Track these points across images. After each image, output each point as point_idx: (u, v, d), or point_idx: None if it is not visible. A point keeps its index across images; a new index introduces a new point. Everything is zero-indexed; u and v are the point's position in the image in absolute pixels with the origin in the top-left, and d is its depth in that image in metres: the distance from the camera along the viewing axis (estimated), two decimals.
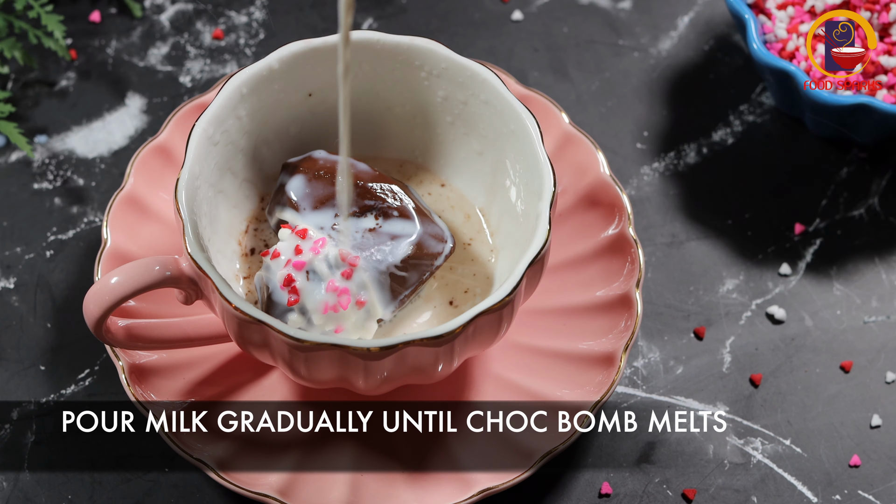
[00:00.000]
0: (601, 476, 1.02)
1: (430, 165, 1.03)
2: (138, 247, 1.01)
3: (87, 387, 1.03)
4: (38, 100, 1.14)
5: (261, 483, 0.95)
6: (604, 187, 1.03)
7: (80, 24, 1.18)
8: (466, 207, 1.01)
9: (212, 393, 0.99)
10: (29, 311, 1.06)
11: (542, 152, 0.94)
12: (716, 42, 1.18)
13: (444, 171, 1.03)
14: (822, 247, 1.10)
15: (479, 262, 1.00)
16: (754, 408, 1.04)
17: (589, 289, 1.02)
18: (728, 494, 1.01)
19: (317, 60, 0.98)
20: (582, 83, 1.16)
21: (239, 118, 0.97)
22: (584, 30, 1.19)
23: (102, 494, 1.00)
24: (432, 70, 0.99)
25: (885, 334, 1.07)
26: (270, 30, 1.16)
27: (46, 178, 1.11)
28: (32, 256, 1.08)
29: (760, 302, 1.08)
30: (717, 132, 1.15)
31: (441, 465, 0.97)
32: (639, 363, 1.05)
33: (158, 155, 1.03)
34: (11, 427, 1.02)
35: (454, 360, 0.92)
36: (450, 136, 1.02)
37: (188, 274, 0.91)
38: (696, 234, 1.10)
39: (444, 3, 1.20)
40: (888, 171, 1.13)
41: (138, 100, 1.15)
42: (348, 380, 0.92)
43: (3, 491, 1.00)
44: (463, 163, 1.02)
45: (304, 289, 0.92)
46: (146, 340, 0.95)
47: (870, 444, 1.03)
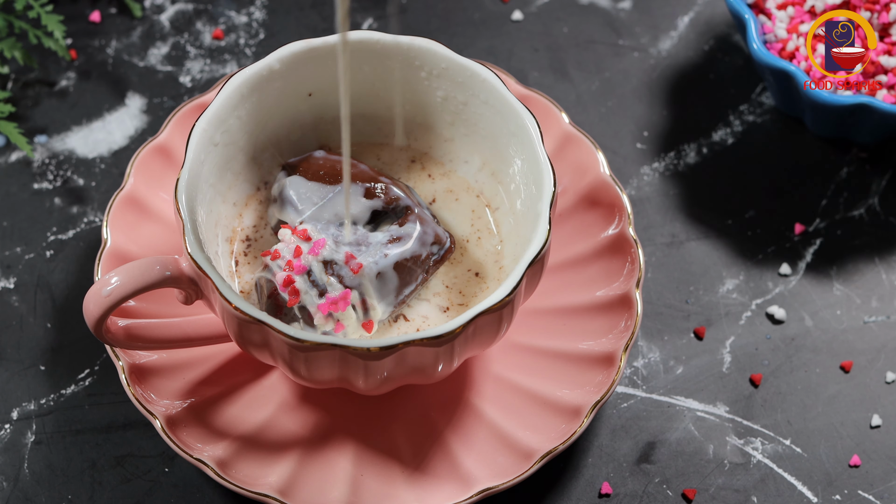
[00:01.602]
0: (601, 476, 1.02)
1: (432, 161, 1.03)
2: (138, 247, 1.01)
3: (87, 387, 1.03)
4: (38, 100, 1.14)
5: (261, 483, 0.95)
6: (604, 187, 1.03)
7: (80, 24, 1.18)
8: (471, 204, 1.01)
9: (212, 393, 0.99)
10: (29, 311, 1.06)
11: (542, 152, 0.94)
12: (716, 42, 1.18)
13: (445, 167, 1.03)
14: (822, 247, 1.10)
15: (481, 261, 0.99)
16: (754, 408, 1.04)
17: (589, 289, 1.02)
18: (728, 494, 1.01)
19: (317, 60, 0.98)
20: (582, 83, 1.16)
21: (239, 118, 0.97)
22: (584, 30, 1.19)
23: (102, 494, 1.00)
24: (432, 70, 0.99)
25: (885, 334, 1.07)
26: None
27: (46, 178, 1.11)
28: (32, 256, 1.08)
29: (760, 302, 1.08)
30: (717, 132, 1.15)
31: (441, 465, 0.97)
32: (639, 363, 1.05)
33: (158, 155, 1.03)
34: (11, 427, 1.02)
35: (454, 360, 0.92)
36: (450, 136, 1.02)
37: (188, 274, 0.91)
38: (696, 234, 1.10)
39: (444, 3, 1.20)
40: (888, 171, 1.13)
41: (138, 100, 1.15)
42: (348, 380, 0.92)
43: (3, 491, 1.00)
44: (463, 164, 1.02)
45: (303, 289, 0.92)
46: (146, 340, 0.95)
47: (870, 444, 1.03)
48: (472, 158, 1.02)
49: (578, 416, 0.97)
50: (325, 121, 1.02)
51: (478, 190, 1.02)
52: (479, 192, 1.02)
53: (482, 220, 1.01)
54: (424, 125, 1.02)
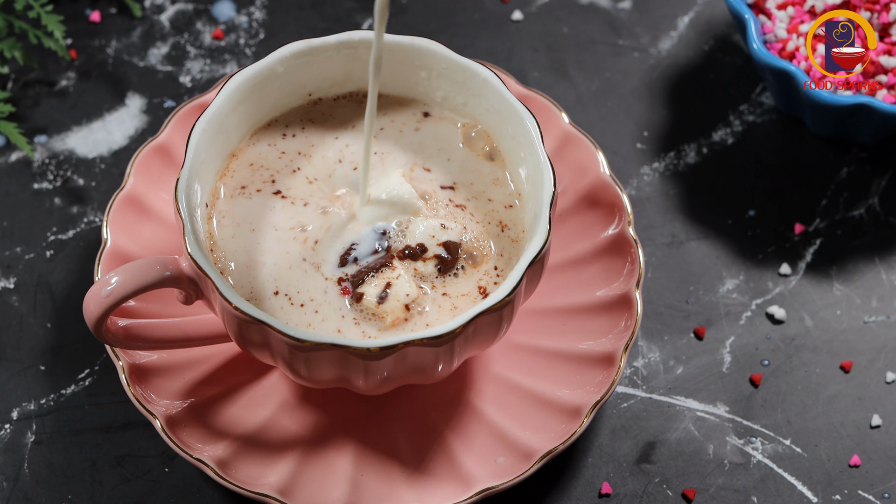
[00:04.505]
0: (601, 476, 1.02)
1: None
2: (138, 247, 1.01)
3: (87, 387, 1.03)
4: (38, 100, 1.14)
5: (261, 483, 0.95)
6: (604, 187, 1.03)
7: (80, 24, 1.18)
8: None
9: (212, 393, 0.99)
10: (29, 311, 1.06)
11: (543, 152, 0.94)
12: (716, 42, 1.18)
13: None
14: (822, 247, 1.10)
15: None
16: (754, 408, 1.04)
17: (589, 289, 1.02)
18: (728, 494, 1.01)
19: (317, 60, 0.98)
20: (582, 83, 1.16)
21: (239, 118, 0.97)
22: (584, 30, 1.19)
23: (102, 494, 1.00)
24: (432, 70, 0.99)
25: (885, 334, 1.07)
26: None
27: (46, 178, 1.11)
28: (32, 256, 1.08)
29: (760, 302, 1.08)
30: (717, 132, 1.15)
31: (441, 465, 0.97)
32: (639, 363, 1.05)
33: (158, 155, 1.03)
34: (11, 427, 1.02)
35: (454, 360, 0.92)
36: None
37: (188, 274, 0.91)
38: (696, 234, 1.10)
39: (444, 3, 1.20)
40: (888, 171, 1.13)
41: (138, 100, 1.15)
42: (348, 380, 0.92)
43: (3, 491, 1.00)
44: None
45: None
46: (146, 340, 0.95)
47: (870, 444, 1.03)
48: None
49: (578, 416, 0.97)
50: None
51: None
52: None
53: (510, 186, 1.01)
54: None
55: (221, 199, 0.96)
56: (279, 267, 0.94)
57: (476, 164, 0.99)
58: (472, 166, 0.99)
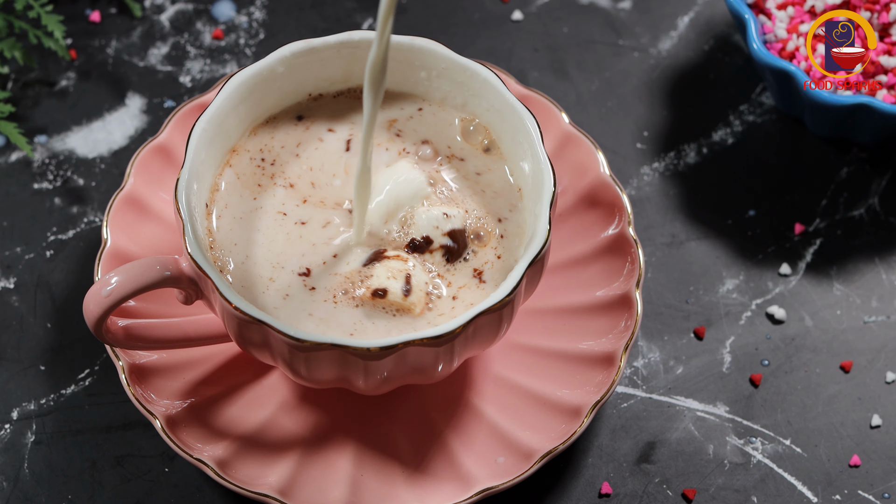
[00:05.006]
0: (601, 476, 1.02)
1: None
2: (138, 247, 1.01)
3: (87, 387, 1.03)
4: (38, 100, 1.14)
5: (261, 483, 0.95)
6: (604, 187, 1.03)
7: (80, 24, 1.18)
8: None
9: (212, 393, 0.99)
10: (29, 311, 1.06)
11: (543, 152, 0.94)
12: (716, 42, 1.18)
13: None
14: (822, 247, 1.10)
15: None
16: (754, 408, 1.04)
17: (589, 289, 1.02)
18: (728, 494, 1.01)
19: (317, 60, 0.98)
20: (582, 83, 1.16)
21: (239, 118, 0.97)
22: (584, 30, 1.19)
23: (102, 494, 1.00)
24: (432, 70, 0.99)
25: (885, 334, 1.07)
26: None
27: (46, 178, 1.11)
28: (32, 256, 1.08)
29: (760, 302, 1.08)
30: (717, 132, 1.15)
31: (441, 465, 0.97)
32: (639, 363, 1.05)
33: (158, 155, 1.03)
34: (11, 427, 1.02)
35: (454, 360, 0.92)
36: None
37: (188, 274, 0.91)
38: (696, 234, 1.10)
39: (444, 3, 1.20)
40: (888, 171, 1.13)
41: (138, 100, 1.15)
42: (348, 380, 0.92)
43: (3, 491, 1.00)
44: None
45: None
46: (146, 340, 0.95)
47: (870, 444, 1.03)
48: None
49: (578, 416, 0.97)
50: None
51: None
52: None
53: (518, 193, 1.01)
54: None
55: (221, 191, 0.96)
56: (278, 266, 0.94)
57: (475, 158, 0.99)
58: (472, 159, 0.99)
